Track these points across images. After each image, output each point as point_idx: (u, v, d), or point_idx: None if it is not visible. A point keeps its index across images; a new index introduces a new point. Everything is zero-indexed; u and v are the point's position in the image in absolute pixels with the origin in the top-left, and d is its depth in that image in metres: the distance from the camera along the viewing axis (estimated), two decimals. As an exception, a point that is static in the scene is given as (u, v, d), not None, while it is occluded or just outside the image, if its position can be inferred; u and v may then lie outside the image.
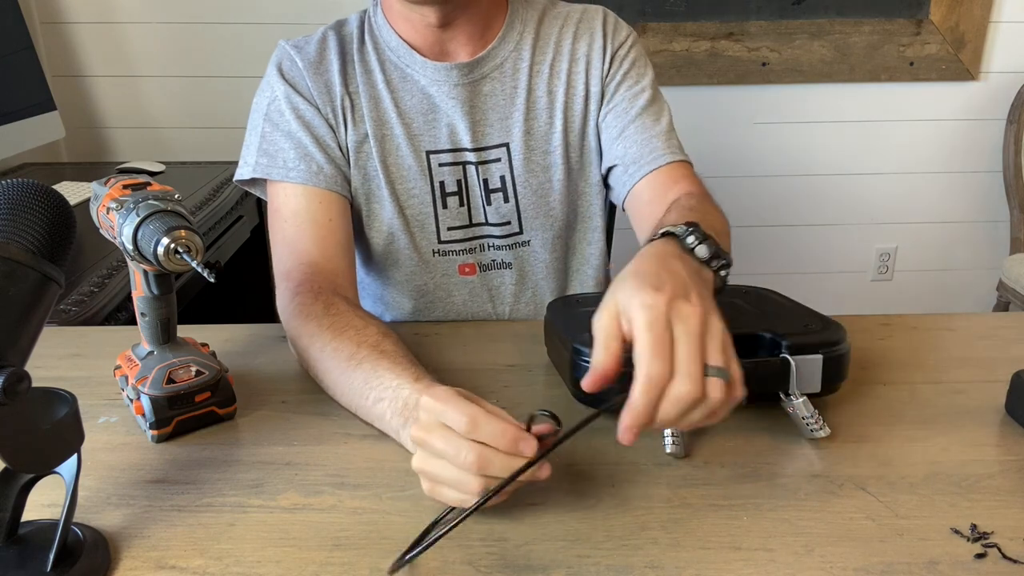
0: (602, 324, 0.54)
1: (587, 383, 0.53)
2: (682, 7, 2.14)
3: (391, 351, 0.70)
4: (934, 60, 2.19)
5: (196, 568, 0.53)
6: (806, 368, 0.67)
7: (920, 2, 2.15)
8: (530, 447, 0.52)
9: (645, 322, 0.52)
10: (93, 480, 0.63)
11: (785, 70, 2.19)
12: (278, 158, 0.89)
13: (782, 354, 0.67)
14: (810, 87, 2.23)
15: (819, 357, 0.67)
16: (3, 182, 0.50)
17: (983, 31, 2.18)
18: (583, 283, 1.04)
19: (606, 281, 1.06)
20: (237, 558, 0.54)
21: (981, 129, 2.29)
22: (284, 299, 0.83)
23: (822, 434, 0.66)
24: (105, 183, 0.66)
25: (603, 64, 0.95)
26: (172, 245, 0.59)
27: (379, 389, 0.67)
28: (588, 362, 0.66)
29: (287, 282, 0.84)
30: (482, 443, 0.53)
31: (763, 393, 0.67)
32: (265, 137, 0.90)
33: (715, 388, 0.52)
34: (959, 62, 2.20)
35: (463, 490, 0.53)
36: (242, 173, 0.92)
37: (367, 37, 0.94)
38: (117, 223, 0.62)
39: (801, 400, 0.67)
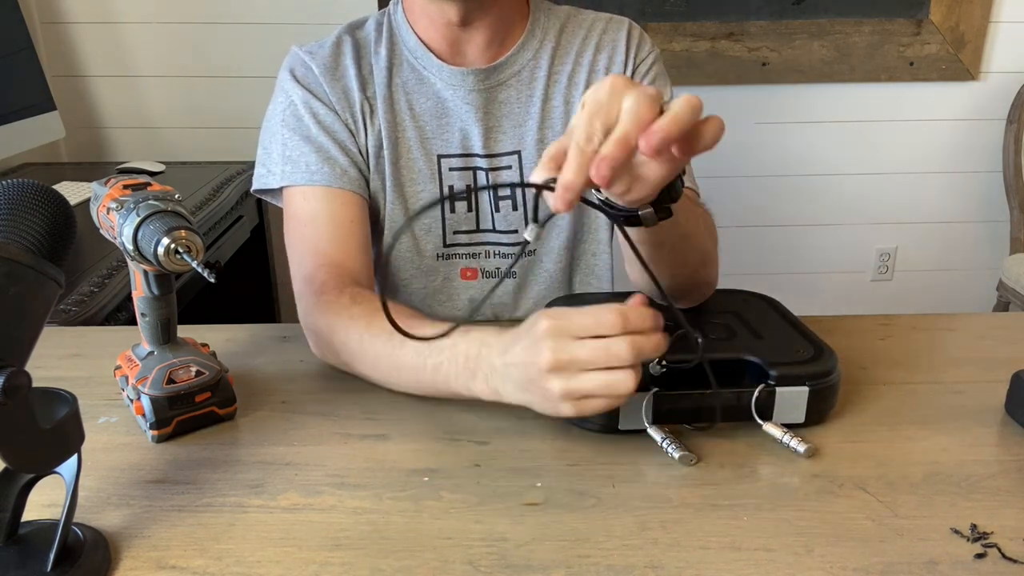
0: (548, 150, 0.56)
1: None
2: (682, 7, 2.14)
3: (428, 323, 0.71)
4: (934, 60, 2.19)
5: (196, 568, 0.53)
6: (791, 399, 0.67)
7: (920, 2, 2.15)
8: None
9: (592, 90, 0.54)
10: (93, 480, 0.63)
11: (785, 70, 2.19)
12: (300, 163, 0.88)
13: (768, 383, 0.67)
14: (810, 87, 2.23)
15: (805, 389, 0.67)
16: (3, 182, 0.50)
17: (983, 31, 2.18)
18: None
19: None
20: (237, 558, 0.54)
21: (981, 129, 2.29)
22: (307, 302, 0.81)
23: (801, 450, 0.65)
24: (105, 183, 0.66)
25: None
26: (172, 245, 0.59)
27: (434, 356, 0.67)
28: None
29: (309, 285, 0.83)
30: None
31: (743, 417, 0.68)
32: (286, 144, 0.89)
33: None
34: (959, 62, 2.20)
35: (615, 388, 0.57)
36: (268, 182, 0.90)
37: (384, 37, 0.93)
38: (117, 223, 0.62)
39: (771, 426, 0.67)
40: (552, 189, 0.53)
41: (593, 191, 0.63)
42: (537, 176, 0.55)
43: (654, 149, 0.50)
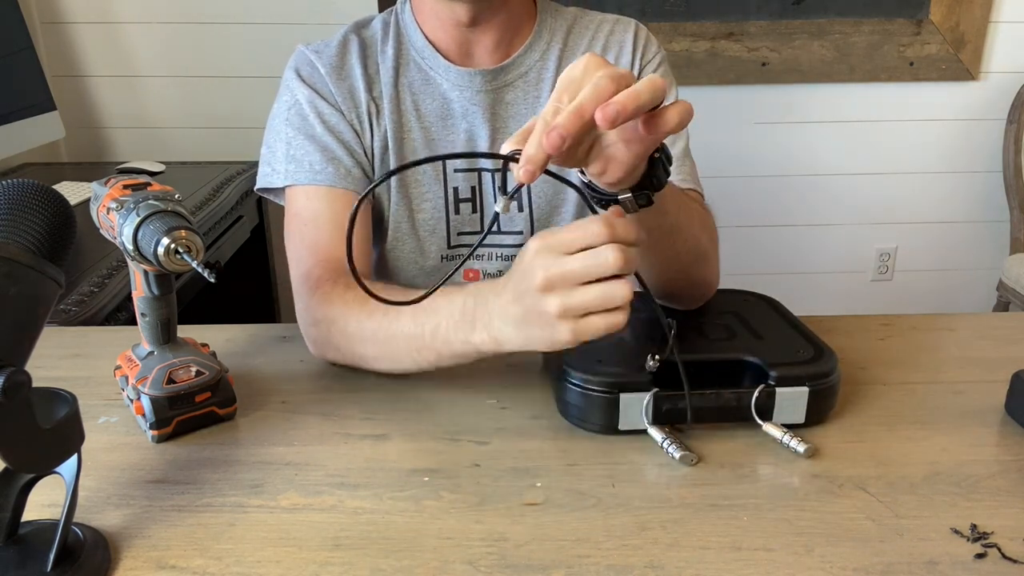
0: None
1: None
2: (682, 7, 2.14)
3: (414, 292, 0.72)
4: (934, 60, 2.19)
5: (196, 568, 0.53)
6: (791, 400, 0.67)
7: (920, 2, 2.15)
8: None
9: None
10: (93, 480, 0.63)
11: (785, 70, 2.19)
12: (304, 162, 0.88)
13: (768, 384, 0.67)
14: (810, 87, 2.23)
15: (805, 390, 0.67)
16: (3, 182, 0.50)
17: (983, 31, 2.18)
18: None
19: None
20: (237, 558, 0.54)
21: (981, 129, 2.29)
22: (304, 299, 0.82)
23: (801, 450, 0.65)
24: (105, 183, 0.66)
25: None
26: (172, 245, 0.59)
27: (431, 319, 0.68)
28: (575, 383, 0.68)
29: (306, 283, 0.83)
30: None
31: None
32: (291, 143, 0.89)
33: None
34: (959, 62, 2.20)
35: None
36: (271, 181, 0.90)
37: (391, 36, 0.93)
38: (117, 223, 0.62)
39: (771, 426, 0.67)
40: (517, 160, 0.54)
41: (578, 173, 0.64)
42: (506, 148, 0.56)
43: (608, 120, 0.51)
